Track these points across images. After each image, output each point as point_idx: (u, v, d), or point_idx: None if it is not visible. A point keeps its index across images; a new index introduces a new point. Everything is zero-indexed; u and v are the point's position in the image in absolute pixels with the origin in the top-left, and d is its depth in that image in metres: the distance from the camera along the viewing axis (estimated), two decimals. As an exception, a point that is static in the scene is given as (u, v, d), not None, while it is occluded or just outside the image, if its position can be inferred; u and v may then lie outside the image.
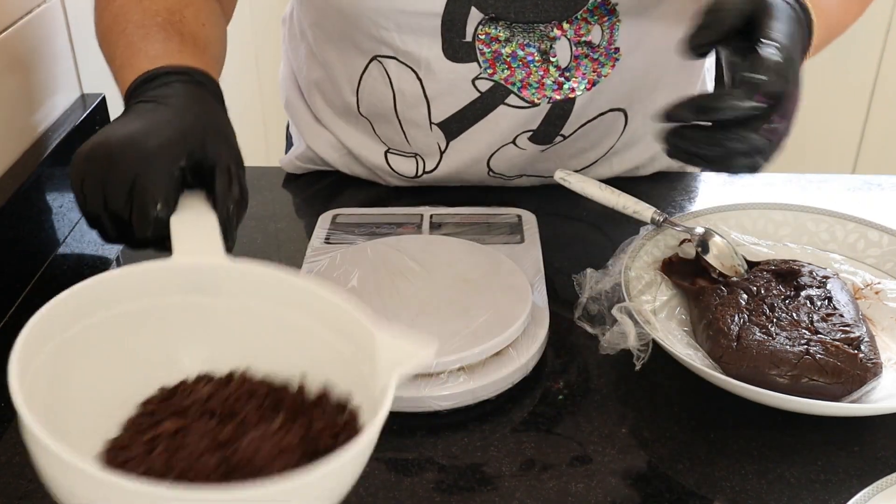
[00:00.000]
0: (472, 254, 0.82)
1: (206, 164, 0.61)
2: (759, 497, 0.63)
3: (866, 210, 0.87)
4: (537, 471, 0.65)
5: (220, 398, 0.54)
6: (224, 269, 0.58)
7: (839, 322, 0.72)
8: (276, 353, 0.57)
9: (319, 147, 1.01)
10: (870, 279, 0.81)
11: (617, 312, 0.72)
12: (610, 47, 0.87)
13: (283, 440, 0.51)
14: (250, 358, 0.57)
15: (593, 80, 0.89)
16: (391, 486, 0.64)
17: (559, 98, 0.89)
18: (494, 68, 0.87)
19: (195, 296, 0.57)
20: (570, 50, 0.87)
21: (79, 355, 0.53)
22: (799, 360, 0.68)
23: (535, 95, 0.88)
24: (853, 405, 0.67)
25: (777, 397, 0.66)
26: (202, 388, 0.55)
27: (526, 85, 0.88)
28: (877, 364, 0.69)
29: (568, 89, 0.88)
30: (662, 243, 0.84)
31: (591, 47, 0.87)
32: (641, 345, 0.71)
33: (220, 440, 0.50)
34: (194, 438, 0.50)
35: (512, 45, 0.86)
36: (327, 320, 0.55)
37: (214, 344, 0.57)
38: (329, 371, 0.56)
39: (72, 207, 0.96)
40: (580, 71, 0.88)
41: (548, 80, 0.88)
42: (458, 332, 0.71)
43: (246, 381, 0.56)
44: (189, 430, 0.51)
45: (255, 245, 0.91)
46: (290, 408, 0.54)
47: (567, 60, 0.87)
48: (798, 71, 0.65)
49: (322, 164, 1.04)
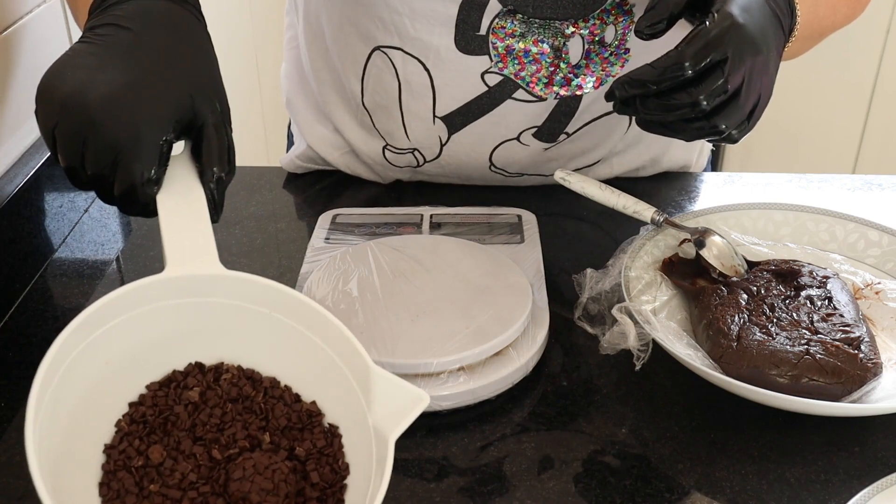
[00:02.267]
0: (472, 254, 0.82)
1: (195, 124, 0.60)
2: (759, 497, 0.63)
3: (866, 210, 0.87)
4: (537, 471, 0.65)
5: (207, 408, 0.55)
6: (219, 277, 0.56)
7: (839, 322, 0.72)
8: (271, 355, 0.57)
9: (320, 146, 1.01)
10: (870, 279, 0.81)
11: (617, 312, 0.72)
12: (621, 47, 0.87)
13: (275, 476, 0.51)
14: (245, 357, 0.58)
15: (601, 78, 0.89)
16: (391, 486, 0.63)
17: (566, 94, 0.89)
18: (505, 62, 0.87)
19: (190, 297, 0.56)
20: (583, 48, 0.87)
21: (82, 365, 0.52)
22: (799, 360, 0.68)
23: (543, 91, 0.88)
24: (853, 405, 0.67)
25: (777, 397, 0.66)
26: (190, 389, 0.55)
27: (535, 80, 0.88)
28: (877, 364, 0.69)
29: (576, 86, 0.88)
30: (662, 243, 0.84)
31: (603, 46, 0.87)
32: (641, 345, 0.71)
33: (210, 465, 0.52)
34: (184, 468, 0.51)
35: (526, 41, 0.86)
36: (325, 336, 0.56)
37: (207, 343, 0.57)
38: (319, 386, 0.56)
39: (72, 207, 0.96)
40: (590, 69, 0.88)
41: (557, 77, 0.88)
42: (458, 332, 0.71)
43: (234, 384, 0.56)
44: (177, 460, 0.52)
45: (255, 245, 0.91)
46: (275, 428, 0.55)
47: (578, 58, 0.87)
48: (756, 37, 0.66)
49: (322, 164, 1.03)
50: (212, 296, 0.56)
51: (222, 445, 0.53)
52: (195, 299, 0.56)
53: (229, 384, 0.56)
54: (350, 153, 1.01)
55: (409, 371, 0.69)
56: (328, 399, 0.57)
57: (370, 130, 0.97)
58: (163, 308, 0.55)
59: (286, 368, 0.58)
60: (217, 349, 0.58)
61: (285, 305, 0.57)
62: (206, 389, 0.56)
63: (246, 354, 0.58)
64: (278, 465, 0.52)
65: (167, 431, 0.54)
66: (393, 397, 0.53)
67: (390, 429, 0.52)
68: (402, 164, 0.98)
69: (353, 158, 1.01)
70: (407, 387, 0.53)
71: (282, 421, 0.55)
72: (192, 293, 0.56)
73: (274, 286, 0.56)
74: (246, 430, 0.54)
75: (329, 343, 0.56)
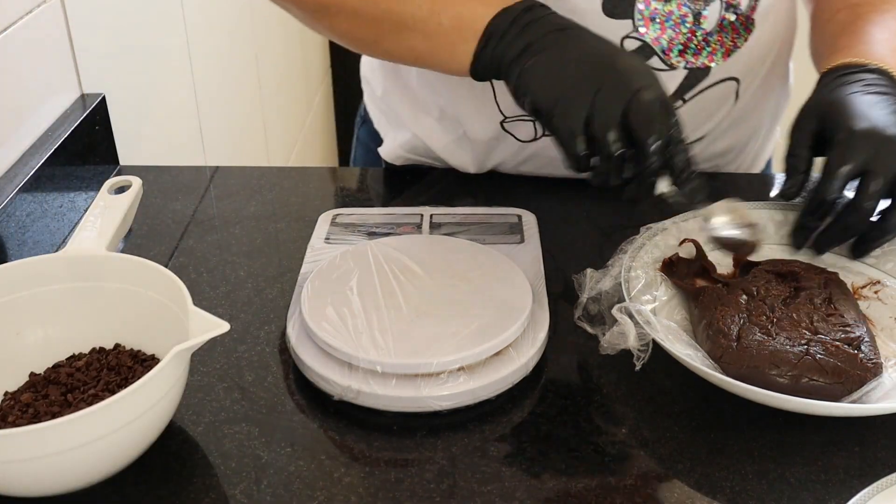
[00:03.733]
0: (472, 254, 0.82)
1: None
2: (759, 497, 0.63)
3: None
4: (537, 471, 0.65)
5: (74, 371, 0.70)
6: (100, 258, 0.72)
7: (839, 322, 0.72)
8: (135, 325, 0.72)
9: (428, 136, 1.01)
10: (870, 277, 0.81)
11: (617, 312, 0.72)
12: (750, 16, 0.89)
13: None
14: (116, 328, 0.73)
15: (730, 49, 0.90)
16: (391, 486, 0.64)
17: (696, 64, 0.89)
18: (648, 27, 0.87)
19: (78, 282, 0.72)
20: (719, 13, 0.88)
21: None
22: (799, 360, 0.68)
23: (677, 58, 0.89)
24: (853, 405, 0.67)
25: (777, 397, 0.66)
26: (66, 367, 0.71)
27: (672, 46, 0.88)
28: (877, 364, 0.69)
29: (706, 55, 0.89)
30: (662, 243, 0.83)
31: (737, 13, 0.88)
32: (641, 345, 0.70)
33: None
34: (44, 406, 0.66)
35: (671, 4, 0.86)
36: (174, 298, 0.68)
37: (82, 322, 0.72)
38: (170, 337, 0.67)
39: (72, 207, 0.96)
40: (721, 38, 0.89)
41: (692, 44, 0.88)
42: (458, 332, 0.71)
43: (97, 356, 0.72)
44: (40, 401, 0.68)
45: (255, 245, 0.91)
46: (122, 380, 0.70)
47: (713, 25, 0.88)
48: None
49: (426, 155, 1.03)
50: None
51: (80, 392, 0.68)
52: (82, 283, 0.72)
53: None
54: (459, 140, 1.00)
55: (409, 371, 0.69)
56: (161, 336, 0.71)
57: (489, 103, 0.95)
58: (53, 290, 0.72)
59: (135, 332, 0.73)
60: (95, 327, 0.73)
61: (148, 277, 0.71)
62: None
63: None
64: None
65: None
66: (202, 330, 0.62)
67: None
68: (522, 136, 0.97)
69: (460, 145, 1.00)
70: (212, 318, 0.62)
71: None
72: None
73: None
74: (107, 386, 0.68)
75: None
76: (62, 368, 0.70)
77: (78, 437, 0.57)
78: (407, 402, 0.68)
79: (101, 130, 1.03)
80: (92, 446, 0.58)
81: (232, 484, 0.64)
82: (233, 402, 0.71)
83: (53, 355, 0.72)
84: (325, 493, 0.63)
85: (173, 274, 0.68)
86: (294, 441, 0.68)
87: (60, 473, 0.59)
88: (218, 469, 0.65)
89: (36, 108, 0.94)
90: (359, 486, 0.64)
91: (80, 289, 0.72)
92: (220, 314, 0.67)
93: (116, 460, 0.62)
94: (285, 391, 0.72)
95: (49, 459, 0.57)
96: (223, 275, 0.86)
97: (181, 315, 0.66)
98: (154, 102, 1.29)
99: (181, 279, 0.67)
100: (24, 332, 0.71)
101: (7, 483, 0.59)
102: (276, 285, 0.85)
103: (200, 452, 0.67)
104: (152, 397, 0.60)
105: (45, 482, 0.60)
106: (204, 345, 0.61)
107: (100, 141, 1.03)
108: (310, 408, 0.71)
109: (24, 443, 0.56)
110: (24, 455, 0.56)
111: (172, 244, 0.91)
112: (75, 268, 0.72)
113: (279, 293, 0.84)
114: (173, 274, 0.68)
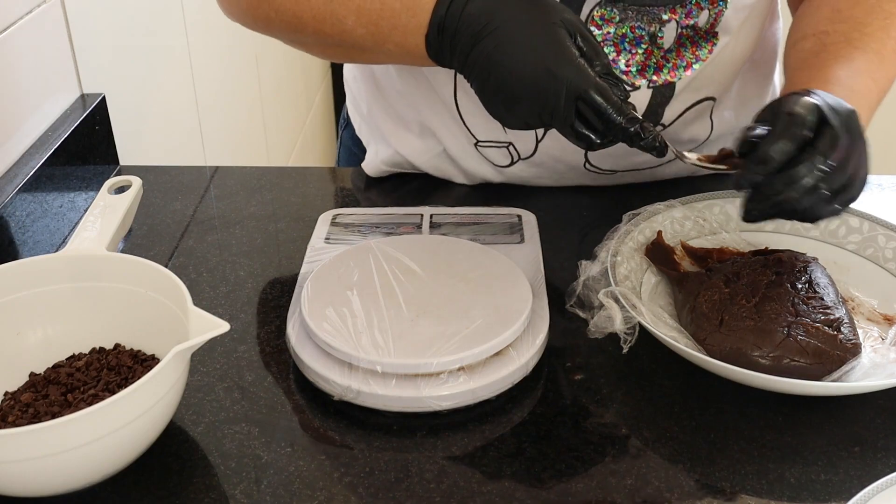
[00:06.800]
0: (472, 254, 0.82)
1: None
2: (759, 497, 0.63)
3: (866, 210, 0.87)
4: (537, 471, 0.65)
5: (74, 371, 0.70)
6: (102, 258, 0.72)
7: (819, 305, 0.73)
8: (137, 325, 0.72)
9: (409, 152, 1.01)
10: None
11: (603, 297, 0.73)
12: (711, 31, 0.89)
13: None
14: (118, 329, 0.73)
15: (691, 62, 0.90)
16: (391, 486, 0.64)
17: (658, 82, 0.89)
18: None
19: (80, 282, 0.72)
20: (676, 32, 0.88)
21: None
22: (780, 341, 0.70)
23: (637, 78, 0.89)
24: (833, 384, 0.68)
25: (759, 377, 0.67)
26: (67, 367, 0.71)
27: (629, 67, 0.88)
28: (856, 345, 0.71)
29: (668, 72, 0.89)
30: (648, 229, 0.85)
31: (695, 30, 0.88)
32: (628, 328, 0.72)
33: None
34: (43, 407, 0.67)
35: (624, 27, 0.87)
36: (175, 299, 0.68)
37: (85, 322, 0.73)
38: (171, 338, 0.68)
39: (72, 207, 0.96)
40: (680, 53, 0.89)
41: (650, 62, 0.89)
42: (458, 332, 0.71)
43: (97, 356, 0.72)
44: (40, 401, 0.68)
45: (255, 245, 0.91)
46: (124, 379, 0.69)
47: (671, 42, 0.88)
48: (847, 124, 0.76)
49: (409, 168, 1.03)
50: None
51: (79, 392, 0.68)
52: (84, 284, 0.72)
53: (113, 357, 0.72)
54: (441, 155, 1.00)
55: (409, 371, 0.69)
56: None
57: (461, 128, 0.96)
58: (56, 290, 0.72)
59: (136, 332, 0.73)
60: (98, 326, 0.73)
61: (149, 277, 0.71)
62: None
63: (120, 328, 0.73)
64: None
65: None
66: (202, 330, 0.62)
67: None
68: (496, 160, 0.97)
69: (442, 160, 1.01)
70: (212, 318, 0.62)
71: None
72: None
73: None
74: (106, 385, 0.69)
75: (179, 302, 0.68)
76: (62, 368, 0.70)
77: (78, 437, 0.57)
78: (407, 402, 0.68)
79: (101, 130, 1.03)
80: (92, 446, 0.58)
81: (232, 484, 0.64)
82: (233, 402, 0.71)
83: (53, 355, 0.72)
84: (325, 493, 0.63)
85: (173, 274, 0.68)
86: (294, 441, 0.68)
87: (60, 473, 0.59)
88: (218, 469, 0.65)
89: (36, 108, 0.94)
90: (359, 486, 0.64)
91: (80, 289, 0.72)
92: (220, 314, 0.67)
93: (116, 460, 0.62)
94: (285, 391, 0.72)
95: (49, 459, 0.57)
96: (223, 275, 0.86)
97: (181, 315, 0.66)
98: (154, 102, 1.29)
99: (181, 279, 0.67)
100: (24, 332, 0.71)
101: (7, 483, 0.59)
102: (276, 285, 0.85)
103: (200, 452, 0.67)
104: (152, 397, 0.60)
105: (45, 482, 0.60)
106: (204, 345, 0.61)
107: (100, 141, 1.03)
108: (310, 408, 0.71)
109: (24, 443, 0.56)
110: (24, 455, 0.56)
111: (172, 244, 0.91)
112: (75, 268, 0.72)
113: (279, 293, 0.84)
114: (173, 274, 0.68)
